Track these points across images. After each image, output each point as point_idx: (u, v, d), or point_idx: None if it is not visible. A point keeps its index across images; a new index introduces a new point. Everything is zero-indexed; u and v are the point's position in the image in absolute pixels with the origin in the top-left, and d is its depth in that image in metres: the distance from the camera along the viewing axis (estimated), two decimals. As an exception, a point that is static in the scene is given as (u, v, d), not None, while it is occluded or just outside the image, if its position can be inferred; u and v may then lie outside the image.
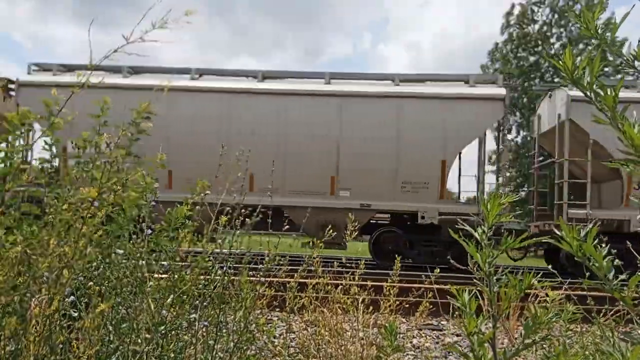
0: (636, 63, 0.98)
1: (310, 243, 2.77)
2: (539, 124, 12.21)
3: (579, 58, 0.94)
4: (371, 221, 11.15)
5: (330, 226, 2.85)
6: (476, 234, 1.19)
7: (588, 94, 0.95)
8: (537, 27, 29.78)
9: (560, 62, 0.97)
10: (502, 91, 10.71)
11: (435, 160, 10.34)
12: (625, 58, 0.96)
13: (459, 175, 11.78)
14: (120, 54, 1.77)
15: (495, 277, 1.12)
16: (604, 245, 1.10)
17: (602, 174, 11.17)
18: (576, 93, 10.60)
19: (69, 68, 11.69)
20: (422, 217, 10.33)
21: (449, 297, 1.24)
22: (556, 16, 29.44)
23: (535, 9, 29.72)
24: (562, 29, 29.47)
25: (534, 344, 1.19)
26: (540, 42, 29.51)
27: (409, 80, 11.28)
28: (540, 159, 12.42)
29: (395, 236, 11.09)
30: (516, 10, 29.61)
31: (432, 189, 10.36)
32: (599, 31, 0.96)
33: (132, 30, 1.78)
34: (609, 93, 0.94)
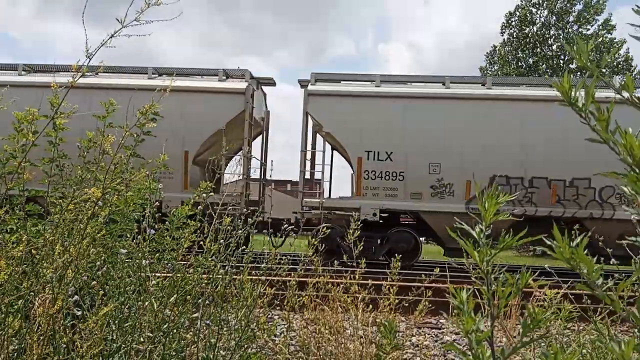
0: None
1: None
2: None
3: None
4: None
5: None
6: (474, 233, 1.20)
7: (583, 115, 0.98)
8: (535, 28, 29.85)
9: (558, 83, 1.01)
10: (243, 85, 11.14)
11: (177, 151, 10.60)
12: (615, 88, 1.00)
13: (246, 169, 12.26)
14: (121, 55, 1.79)
15: (493, 276, 1.14)
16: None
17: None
18: (313, 87, 11.24)
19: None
20: (167, 207, 10.63)
21: (447, 295, 1.27)
22: (554, 18, 29.53)
23: (534, 10, 29.80)
24: (560, 31, 29.55)
25: (532, 342, 1.21)
26: (538, 44, 29.59)
27: (168, 73, 11.62)
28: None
29: None
30: (518, 12, 29.68)
31: (176, 179, 10.74)
32: (590, 60, 1.00)
33: (127, 11, 1.77)
34: (603, 113, 0.97)
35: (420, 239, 11.38)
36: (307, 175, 11.94)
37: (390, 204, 10.68)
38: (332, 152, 12.50)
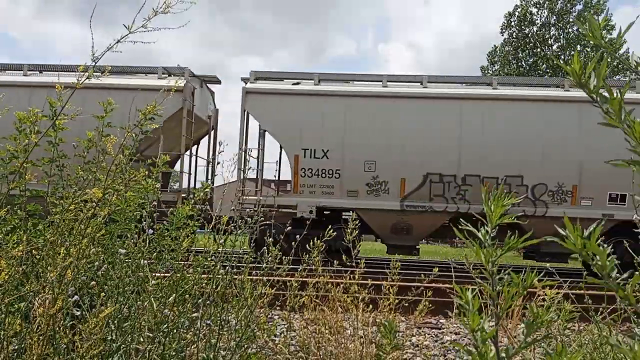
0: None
1: None
2: None
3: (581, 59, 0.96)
4: None
5: None
6: (479, 234, 1.20)
7: (595, 97, 0.96)
8: (535, 28, 29.85)
9: (568, 66, 0.98)
10: (181, 83, 11.07)
11: (115, 148, 11.00)
12: (630, 65, 0.98)
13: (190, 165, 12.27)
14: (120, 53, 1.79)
15: (497, 276, 1.14)
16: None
17: None
18: (251, 85, 11.32)
19: None
20: None
21: (449, 295, 1.26)
22: (554, 18, 29.52)
23: (534, 10, 29.80)
24: (560, 31, 29.55)
25: (536, 342, 1.21)
26: (538, 44, 29.58)
27: (110, 71, 11.56)
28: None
29: None
30: (517, 12, 29.69)
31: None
32: (604, 38, 0.97)
33: (134, 19, 1.78)
34: (615, 96, 0.95)
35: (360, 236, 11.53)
36: (252, 174, 12.13)
37: (327, 201, 10.79)
38: (281, 149, 12.61)
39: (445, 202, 10.62)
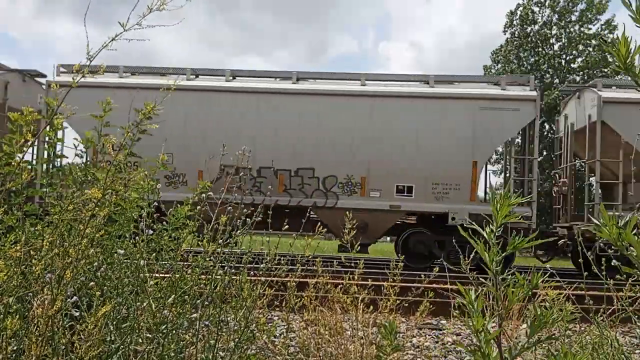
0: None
1: None
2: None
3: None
4: None
5: None
6: (484, 233, 1.18)
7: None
8: (537, 27, 29.80)
9: (614, 49, 0.95)
10: None
11: None
12: None
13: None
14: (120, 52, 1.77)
15: (501, 277, 1.13)
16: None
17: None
18: (57, 79, 11.22)
19: None
20: None
21: (455, 295, 1.24)
22: (556, 17, 29.47)
23: (536, 9, 29.75)
24: (562, 30, 29.50)
25: (540, 343, 1.19)
26: (540, 43, 29.53)
27: None
28: None
29: None
30: (519, 10, 29.67)
31: None
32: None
33: (128, 17, 1.77)
34: None
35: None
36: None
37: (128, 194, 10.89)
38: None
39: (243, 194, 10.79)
